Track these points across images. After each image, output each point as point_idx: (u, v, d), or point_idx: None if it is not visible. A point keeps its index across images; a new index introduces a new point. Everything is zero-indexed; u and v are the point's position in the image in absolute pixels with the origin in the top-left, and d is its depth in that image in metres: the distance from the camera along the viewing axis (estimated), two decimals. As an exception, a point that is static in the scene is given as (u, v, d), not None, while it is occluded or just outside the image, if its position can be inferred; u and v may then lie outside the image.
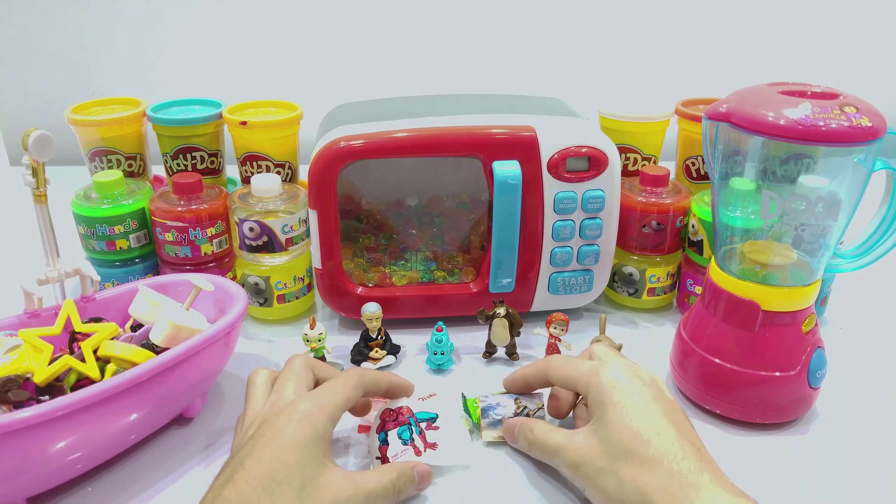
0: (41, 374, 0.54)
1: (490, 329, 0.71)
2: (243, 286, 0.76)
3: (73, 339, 0.59)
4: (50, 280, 0.63)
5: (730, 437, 0.62)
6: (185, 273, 0.72)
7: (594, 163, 0.71)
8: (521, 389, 0.61)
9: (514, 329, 0.71)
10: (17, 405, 0.52)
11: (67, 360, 0.55)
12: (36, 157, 0.58)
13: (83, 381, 0.56)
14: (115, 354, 0.57)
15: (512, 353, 0.72)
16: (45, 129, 0.59)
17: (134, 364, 0.56)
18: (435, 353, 0.70)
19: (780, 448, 0.61)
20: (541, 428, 0.55)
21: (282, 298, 0.77)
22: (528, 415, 0.60)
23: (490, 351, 0.73)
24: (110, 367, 0.57)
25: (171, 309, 0.62)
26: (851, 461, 0.59)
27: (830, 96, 0.57)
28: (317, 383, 0.55)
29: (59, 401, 0.49)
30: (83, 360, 0.56)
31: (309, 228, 0.74)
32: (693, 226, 0.77)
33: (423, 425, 0.59)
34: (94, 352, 0.57)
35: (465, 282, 0.78)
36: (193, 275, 0.67)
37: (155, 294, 0.64)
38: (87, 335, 0.59)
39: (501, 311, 0.70)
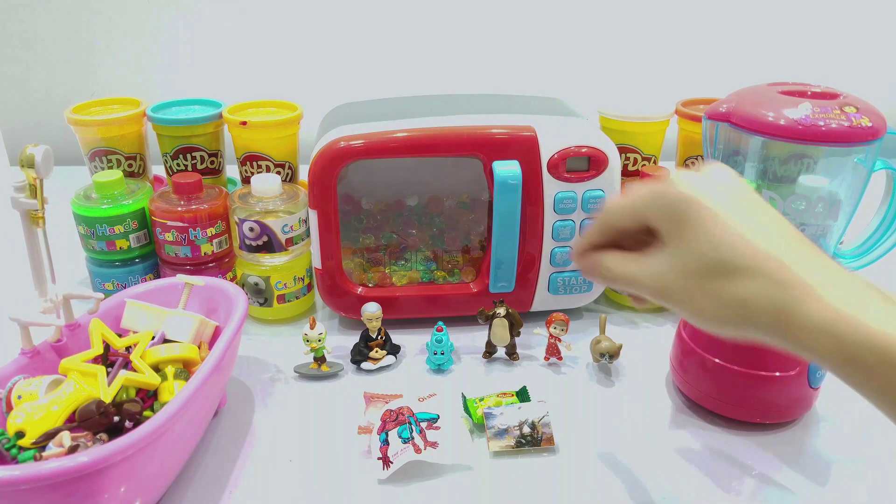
0: (109, 395, 0.53)
1: (490, 329, 0.71)
2: (243, 286, 0.76)
3: (106, 356, 0.58)
4: (51, 307, 0.59)
5: (730, 437, 0.62)
6: (155, 281, 0.70)
7: (594, 163, 0.71)
8: (590, 248, 0.47)
9: (514, 329, 0.71)
10: (106, 427, 0.51)
11: (126, 378, 0.54)
12: (44, 174, 0.55)
13: (139, 394, 0.56)
14: (165, 357, 0.57)
15: (512, 353, 0.72)
16: (42, 143, 0.55)
17: (187, 360, 0.58)
18: (435, 353, 0.70)
19: (780, 448, 0.61)
20: (614, 263, 0.45)
21: (282, 298, 0.77)
22: (532, 424, 0.60)
23: (490, 351, 0.73)
24: (169, 370, 0.57)
25: (171, 312, 0.62)
26: (851, 461, 0.59)
27: (830, 96, 0.57)
28: None
29: (173, 405, 0.49)
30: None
31: (309, 228, 0.74)
32: (693, 226, 0.77)
33: (423, 425, 0.59)
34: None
35: (465, 282, 0.78)
36: (166, 279, 0.68)
37: (142, 303, 0.63)
38: (117, 351, 0.58)
39: (501, 311, 0.70)
